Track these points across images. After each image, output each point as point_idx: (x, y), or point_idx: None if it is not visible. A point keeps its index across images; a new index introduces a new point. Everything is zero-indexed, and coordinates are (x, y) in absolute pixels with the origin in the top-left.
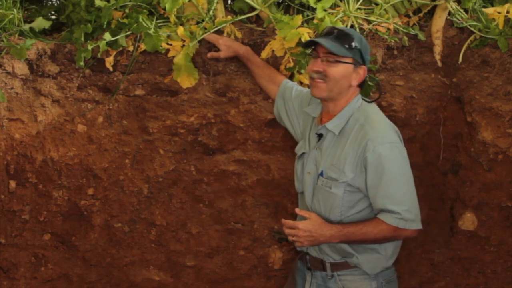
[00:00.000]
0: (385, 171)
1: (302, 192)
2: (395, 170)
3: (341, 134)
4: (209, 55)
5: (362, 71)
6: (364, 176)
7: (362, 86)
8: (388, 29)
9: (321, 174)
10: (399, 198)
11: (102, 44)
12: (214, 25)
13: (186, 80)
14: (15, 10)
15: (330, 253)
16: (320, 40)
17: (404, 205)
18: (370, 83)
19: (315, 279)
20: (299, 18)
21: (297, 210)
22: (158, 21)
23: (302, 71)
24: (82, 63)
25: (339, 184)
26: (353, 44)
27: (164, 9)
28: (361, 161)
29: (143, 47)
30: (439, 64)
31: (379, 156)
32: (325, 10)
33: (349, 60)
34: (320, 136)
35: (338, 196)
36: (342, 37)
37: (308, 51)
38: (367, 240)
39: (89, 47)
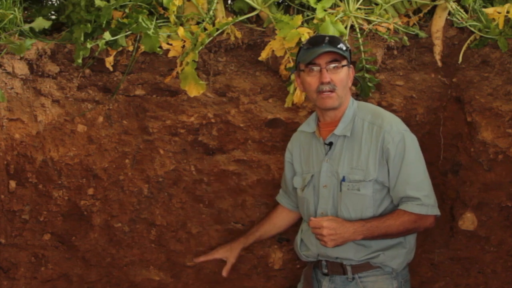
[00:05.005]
0: (404, 158)
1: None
2: (412, 156)
3: (351, 136)
4: (224, 274)
5: (352, 71)
6: (386, 168)
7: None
8: (388, 29)
9: (343, 179)
10: (418, 183)
11: (101, 43)
12: (214, 25)
13: (193, 88)
14: (15, 10)
15: (352, 254)
16: (333, 48)
17: (423, 191)
18: (370, 84)
19: (333, 284)
20: (299, 18)
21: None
22: (158, 21)
23: None
24: (80, 61)
25: (366, 183)
26: (347, 46)
27: (164, 9)
28: (381, 154)
29: (143, 47)
30: (439, 64)
31: (398, 145)
32: (325, 10)
33: (346, 62)
34: (329, 145)
35: (368, 196)
36: (335, 42)
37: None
38: (389, 233)
39: (88, 46)
